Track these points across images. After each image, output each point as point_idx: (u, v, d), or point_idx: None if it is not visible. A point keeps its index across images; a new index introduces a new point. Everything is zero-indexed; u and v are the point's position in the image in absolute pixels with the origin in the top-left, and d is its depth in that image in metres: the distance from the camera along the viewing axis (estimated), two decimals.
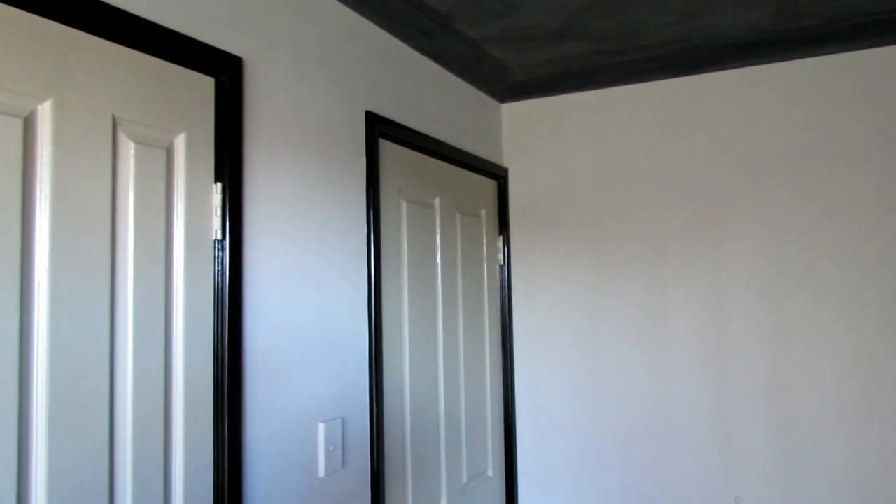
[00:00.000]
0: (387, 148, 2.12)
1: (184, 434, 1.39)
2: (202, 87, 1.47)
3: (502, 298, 2.86)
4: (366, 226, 1.97)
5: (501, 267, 2.87)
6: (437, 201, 2.41)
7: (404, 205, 2.20)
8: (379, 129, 2.04)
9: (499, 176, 2.86)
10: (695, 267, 2.56)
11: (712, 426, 2.51)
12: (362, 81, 2.01)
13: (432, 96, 2.39)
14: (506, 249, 2.88)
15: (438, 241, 2.40)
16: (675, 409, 2.57)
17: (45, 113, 1.17)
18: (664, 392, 2.59)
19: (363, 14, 2.02)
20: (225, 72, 1.51)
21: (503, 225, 2.88)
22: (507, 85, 2.83)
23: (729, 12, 2.17)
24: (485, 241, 2.76)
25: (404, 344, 2.16)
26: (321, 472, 1.74)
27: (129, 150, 1.31)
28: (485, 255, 2.75)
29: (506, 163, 2.94)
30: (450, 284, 2.45)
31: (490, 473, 2.70)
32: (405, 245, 2.19)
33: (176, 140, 1.41)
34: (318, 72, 1.82)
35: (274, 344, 1.62)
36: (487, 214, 2.79)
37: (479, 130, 2.74)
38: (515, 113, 2.93)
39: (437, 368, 2.34)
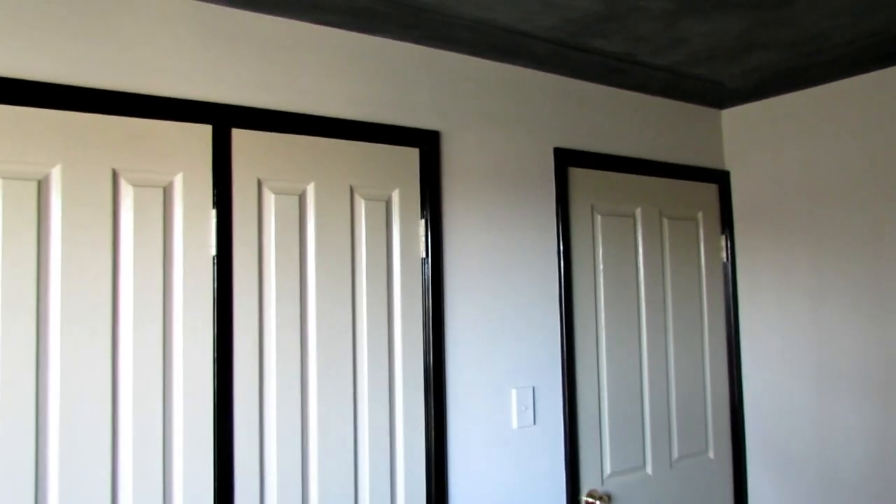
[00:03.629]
0: (577, 173, 2.61)
1: (403, 398, 2.13)
2: (409, 156, 2.20)
3: (726, 292, 3.07)
4: (556, 236, 2.51)
5: (725, 264, 3.08)
6: (638, 211, 2.80)
7: (599, 218, 2.67)
8: (567, 160, 2.56)
9: (719, 179, 3.08)
10: None
11: None
12: (550, 123, 2.54)
13: (628, 120, 2.79)
14: (728, 247, 3.08)
15: (640, 244, 2.79)
16: None
17: (311, 191, 2.02)
18: (886, 385, 2.56)
19: (548, 71, 2.55)
20: (426, 143, 2.22)
21: (725, 224, 3.09)
22: (723, 93, 3.03)
23: None
24: (702, 241, 3.02)
25: (599, 328, 2.63)
26: (514, 425, 2.35)
27: (361, 206, 2.10)
28: (702, 253, 3.01)
29: (727, 166, 3.13)
30: (654, 280, 2.82)
31: (711, 455, 2.96)
32: (600, 249, 2.66)
33: (392, 194, 2.17)
34: (505, 125, 2.43)
35: (470, 329, 2.28)
36: (705, 216, 3.04)
37: (690, 140, 3.02)
38: (736, 118, 3.11)
39: (638, 351, 2.74)
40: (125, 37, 1.77)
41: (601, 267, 2.67)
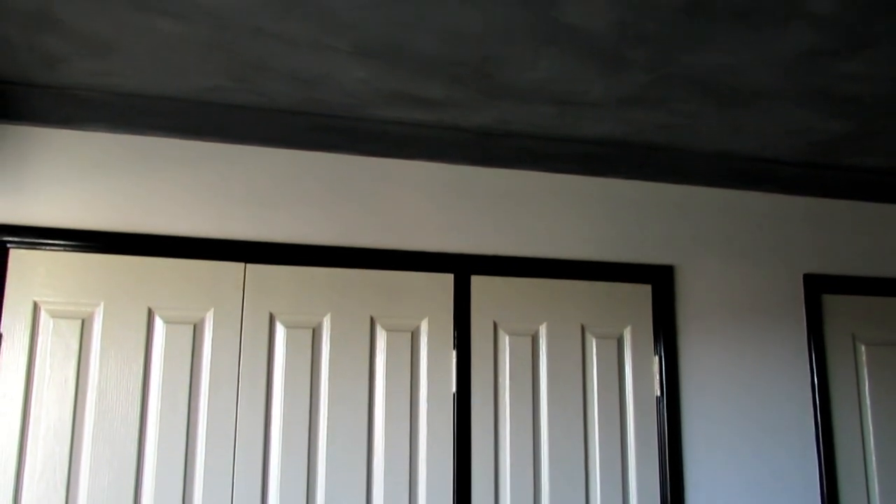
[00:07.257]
0: (832, 300, 2.38)
1: None
2: (641, 292, 2.19)
3: None
4: (808, 370, 2.29)
5: None
6: None
7: (863, 348, 2.39)
8: (820, 286, 2.35)
9: None
10: None
11: None
12: (797, 249, 2.37)
13: None
14: None
15: None
16: None
17: (543, 330, 2.10)
18: None
19: (794, 193, 2.39)
20: (658, 278, 2.20)
21: None
22: None
23: None
24: None
25: (870, 474, 2.31)
26: None
27: (592, 344, 2.13)
28: None
29: None
30: None
31: None
32: (866, 383, 2.36)
33: (624, 331, 2.17)
34: (745, 253, 2.31)
35: (713, 473, 2.15)
36: None
37: None
38: None
39: None
40: (383, 201, 2.04)
41: (868, 402, 2.37)
